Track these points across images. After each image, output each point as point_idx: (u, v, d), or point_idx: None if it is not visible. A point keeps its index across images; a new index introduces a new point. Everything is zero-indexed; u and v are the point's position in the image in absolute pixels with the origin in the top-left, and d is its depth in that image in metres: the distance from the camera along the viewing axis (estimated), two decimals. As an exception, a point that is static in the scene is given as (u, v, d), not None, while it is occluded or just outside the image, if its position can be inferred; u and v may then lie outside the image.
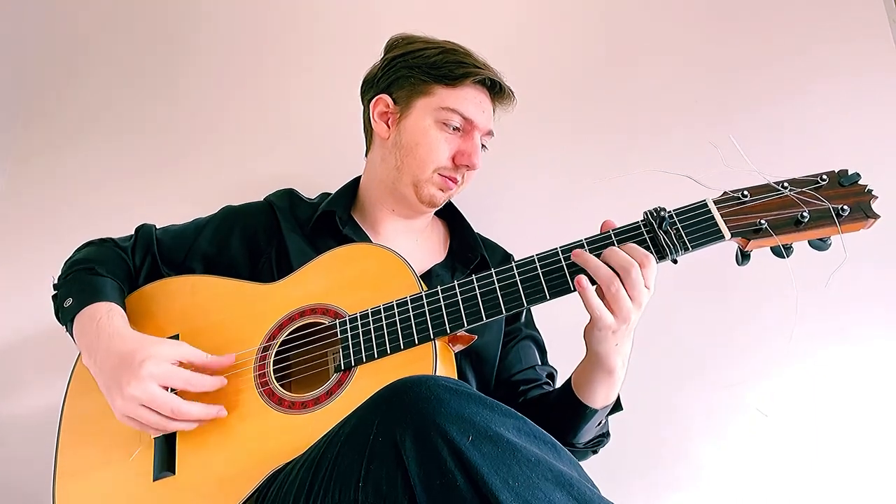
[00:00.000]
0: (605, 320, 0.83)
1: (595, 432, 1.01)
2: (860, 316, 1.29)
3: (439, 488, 0.61)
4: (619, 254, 0.82)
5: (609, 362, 0.89)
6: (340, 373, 0.90)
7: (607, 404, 0.96)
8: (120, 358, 0.90)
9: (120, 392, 0.88)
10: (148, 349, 0.90)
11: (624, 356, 0.90)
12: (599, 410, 0.95)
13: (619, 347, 0.88)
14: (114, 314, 0.97)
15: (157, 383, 0.88)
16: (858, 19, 1.46)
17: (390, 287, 0.94)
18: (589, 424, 0.96)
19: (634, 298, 0.82)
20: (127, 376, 0.88)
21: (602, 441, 1.06)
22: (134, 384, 0.87)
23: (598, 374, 0.91)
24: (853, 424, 1.25)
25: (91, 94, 1.76)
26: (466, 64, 1.09)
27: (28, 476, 1.41)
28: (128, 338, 0.93)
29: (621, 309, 0.82)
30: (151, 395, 0.87)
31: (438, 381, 0.68)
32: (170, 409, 0.88)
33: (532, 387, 1.11)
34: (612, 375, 0.91)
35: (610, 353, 0.88)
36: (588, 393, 0.94)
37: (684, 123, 1.47)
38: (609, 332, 0.84)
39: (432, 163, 1.08)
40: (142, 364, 0.88)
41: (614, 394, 0.95)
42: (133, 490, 0.91)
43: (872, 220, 0.80)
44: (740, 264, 0.86)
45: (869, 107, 1.39)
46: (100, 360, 0.92)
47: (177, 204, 1.58)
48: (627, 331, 0.86)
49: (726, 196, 0.85)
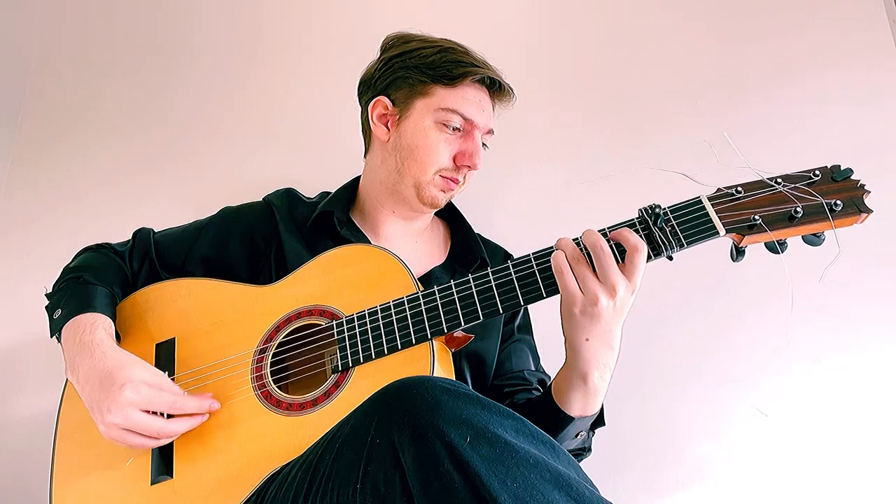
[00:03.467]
0: (569, 289, 0.82)
1: (574, 444, 0.98)
2: (856, 311, 1.29)
3: (437, 490, 0.61)
4: (592, 234, 0.83)
5: (582, 365, 0.87)
6: (338, 374, 0.90)
7: (585, 415, 0.92)
8: (100, 379, 0.88)
9: (101, 418, 0.87)
10: (126, 372, 0.88)
11: (601, 364, 0.87)
12: (576, 419, 0.92)
13: (593, 347, 0.85)
14: (97, 327, 0.96)
15: (139, 409, 0.87)
16: (858, 19, 1.46)
17: (387, 287, 0.94)
18: (565, 432, 0.93)
19: (603, 279, 0.81)
20: (107, 402, 0.86)
21: (581, 455, 1.02)
22: (115, 411, 0.86)
23: (574, 379, 0.89)
24: (853, 422, 1.25)
25: (91, 95, 1.75)
26: (465, 63, 1.07)
27: (26, 480, 1.41)
28: (108, 355, 0.91)
29: (586, 287, 0.81)
30: (133, 421, 0.86)
31: (436, 382, 0.68)
32: (154, 431, 0.88)
33: (519, 390, 1.09)
34: (586, 382, 0.88)
35: (580, 347, 0.85)
36: (563, 398, 0.92)
37: (679, 121, 1.47)
38: (575, 310, 0.82)
39: (433, 164, 1.07)
40: (122, 389, 0.86)
41: (593, 405, 0.92)
42: (131, 494, 0.91)
43: (865, 214, 0.80)
44: (735, 260, 0.86)
45: (868, 106, 1.39)
46: (81, 378, 0.91)
47: (177, 204, 1.58)
48: (599, 324, 0.83)
49: (720, 192, 0.85)
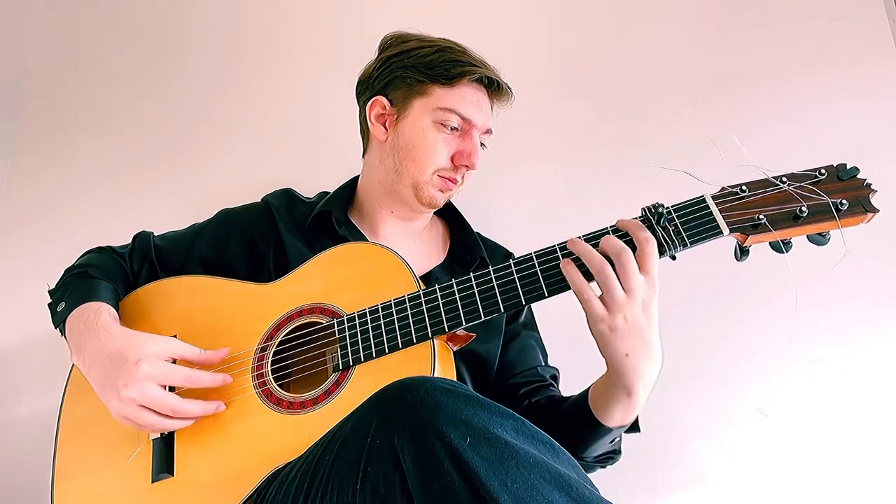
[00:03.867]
0: (594, 308, 0.79)
1: (606, 448, 0.96)
2: (860, 312, 1.28)
3: (437, 490, 0.61)
4: (613, 240, 0.81)
5: (626, 380, 0.82)
6: (339, 372, 0.90)
7: (624, 424, 0.90)
8: (110, 357, 0.88)
9: (116, 393, 0.86)
10: (140, 348, 0.88)
11: (645, 379, 0.83)
12: (614, 430, 0.90)
13: (634, 362, 0.80)
14: (102, 311, 0.96)
15: (155, 383, 0.87)
16: (858, 19, 1.45)
17: (388, 286, 0.94)
18: (601, 441, 0.92)
19: (627, 286, 0.78)
20: (123, 377, 0.86)
21: (612, 458, 1.00)
22: (131, 386, 0.85)
23: (618, 393, 0.85)
24: (854, 423, 1.24)
25: (91, 95, 1.75)
26: (463, 62, 1.07)
27: (27, 479, 1.41)
28: (116, 335, 0.91)
29: (612, 299, 0.78)
30: (150, 396, 0.86)
31: (436, 382, 0.68)
32: (170, 408, 0.87)
33: (535, 388, 1.08)
34: (631, 397, 0.84)
35: (621, 364, 0.81)
36: (603, 410, 0.88)
37: (683, 120, 1.46)
38: (605, 328, 0.79)
39: (431, 164, 1.07)
40: (137, 364, 0.86)
41: (632, 415, 0.88)
42: (132, 492, 0.91)
43: (871, 214, 0.80)
44: (739, 260, 0.86)
45: (868, 105, 1.38)
46: (88, 359, 0.91)
47: (176, 204, 1.59)
48: (632, 335, 0.80)
49: (724, 191, 0.84)
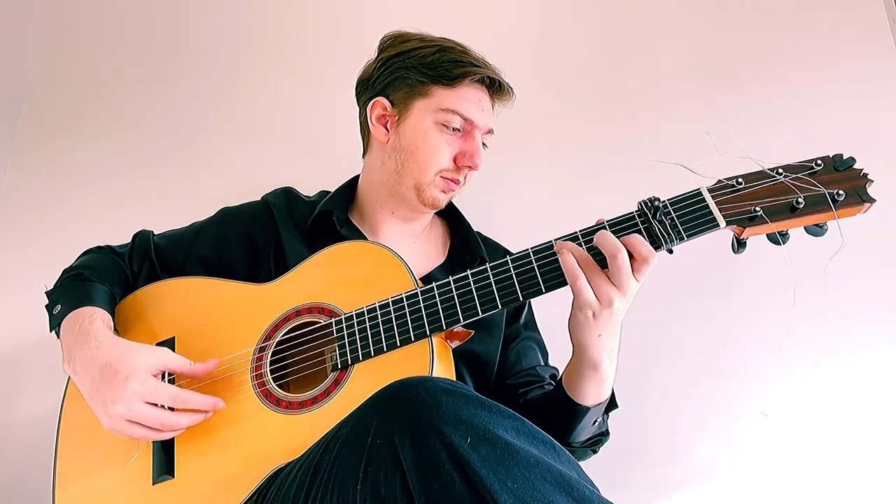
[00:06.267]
0: (586, 296, 0.80)
1: (592, 431, 0.99)
2: (858, 308, 1.28)
3: (437, 490, 0.61)
4: (609, 237, 0.81)
5: (593, 355, 0.87)
6: (337, 371, 0.90)
7: (600, 402, 0.93)
8: (100, 369, 0.88)
9: (105, 408, 0.86)
10: (130, 362, 0.87)
11: (609, 351, 0.87)
12: (592, 409, 0.92)
13: (603, 339, 0.85)
14: (95, 318, 0.95)
15: (143, 401, 0.86)
16: (858, 19, 1.44)
17: (386, 284, 0.93)
18: (583, 423, 0.94)
19: (618, 284, 0.80)
20: (111, 393, 0.86)
21: (601, 440, 1.03)
22: (119, 403, 0.85)
23: (585, 370, 0.89)
24: (854, 422, 1.24)
25: (91, 95, 1.75)
26: (464, 63, 1.06)
27: (28, 481, 1.41)
28: (106, 345, 0.90)
29: (601, 292, 0.80)
30: (138, 412, 0.86)
31: (437, 382, 0.68)
32: (158, 422, 0.87)
33: (533, 387, 1.09)
34: (598, 371, 0.88)
35: (592, 344, 0.85)
36: (577, 390, 0.92)
37: (678, 113, 1.46)
38: (589, 314, 0.82)
39: (434, 165, 1.06)
40: (126, 381, 0.85)
41: (606, 391, 0.93)
42: (133, 494, 0.91)
43: (868, 204, 0.79)
44: (736, 252, 0.85)
45: (868, 104, 1.37)
46: (79, 368, 0.90)
47: (176, 203, 1.58)
48: (611, 321, 0.83)
49: (720, 184, 0.84)
